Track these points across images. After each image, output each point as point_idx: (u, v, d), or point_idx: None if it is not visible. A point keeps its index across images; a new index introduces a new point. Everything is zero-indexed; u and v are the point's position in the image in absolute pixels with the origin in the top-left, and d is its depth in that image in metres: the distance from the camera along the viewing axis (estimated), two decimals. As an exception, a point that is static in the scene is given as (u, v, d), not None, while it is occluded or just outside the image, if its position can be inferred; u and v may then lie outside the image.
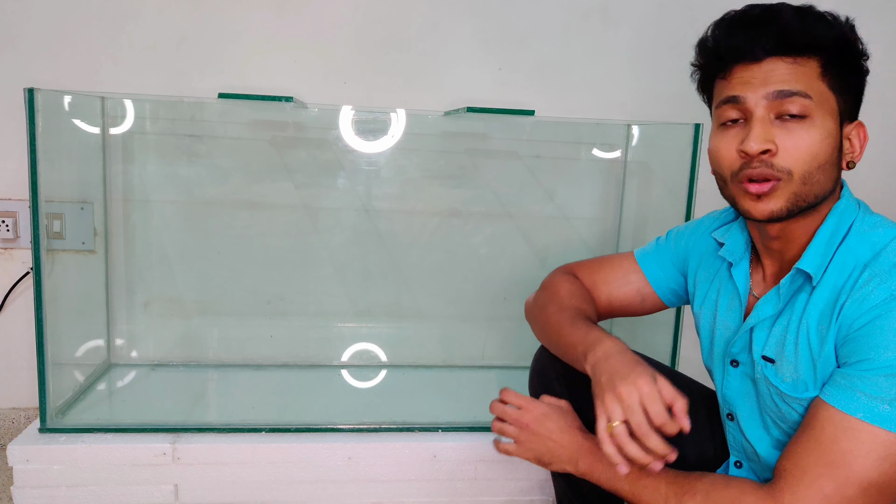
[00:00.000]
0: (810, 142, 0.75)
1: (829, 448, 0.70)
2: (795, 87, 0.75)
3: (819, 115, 0.75)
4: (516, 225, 1.71)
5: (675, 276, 1.03)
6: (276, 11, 1.53)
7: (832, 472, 0.69)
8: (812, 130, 0.75)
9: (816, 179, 0.76)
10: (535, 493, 1.37)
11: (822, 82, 0.76)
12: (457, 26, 1.58)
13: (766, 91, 0.75)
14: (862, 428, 0.69)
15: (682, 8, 1.62)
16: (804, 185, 0.76)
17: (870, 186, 0.82)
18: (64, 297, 1.38)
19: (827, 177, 0.77)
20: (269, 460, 1.30)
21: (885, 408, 0.68)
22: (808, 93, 0.75)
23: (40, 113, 1.23)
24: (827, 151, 0.76)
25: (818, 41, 0.75)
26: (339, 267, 1.69)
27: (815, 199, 0.77)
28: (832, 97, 0.76)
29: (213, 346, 1.68)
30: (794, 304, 0.81)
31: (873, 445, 0.68)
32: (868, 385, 0.70)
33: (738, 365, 0.89)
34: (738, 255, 0.90)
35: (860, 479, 0.68)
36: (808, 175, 0.75)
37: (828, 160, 0.76)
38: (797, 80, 0.75)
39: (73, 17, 1.48)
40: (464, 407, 1.51)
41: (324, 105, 1.57)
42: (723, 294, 0.93)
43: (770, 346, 0.83)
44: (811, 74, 0.75)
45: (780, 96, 0.75)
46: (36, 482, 1.26)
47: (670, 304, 1.06)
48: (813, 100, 0.75)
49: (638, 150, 1.69)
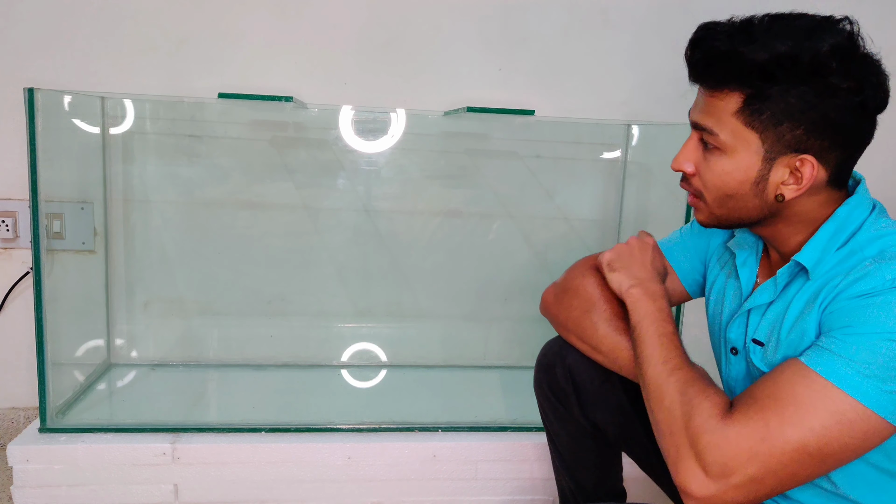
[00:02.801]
0: (718, 174, 0.78)
1: (783, 389, 0.70)
2: (704, 123, 0.77)
3: (731, 150, 0.76)
4: (516, 225, 1.71)
5: (698, 267, 1.03)
6: (276, 11, 1.53)
7: (780, 408, 0.69)
8: (722, 162, 0.77)
9: (731, 206, 0.79)
10: (535, 493, 1.37)
11: (739, 120, 0.74)
12: (457, 26, 1.58)
13: (692, 118, 0.80)
14: (819, 381, 0.68)
15: (681, 8, 1.62)
16: (719, 208, 0.80)
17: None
18: (64, 297, 1.38)
19: (743, 205, 0.78)
20: (269, 460, 1.30)
21: (846, 367, 0.68)
22: (714, 130, 0.76)
23: (40, 113, 1.23)
24: (735, 185, 0.77)
25: (741, 76, 0.73)
26: (340, 267, 1.69)
27: (739, 221, 0.81)
28: (753, 136, 0.74)
29: (213, 346, 1.68)
30: (787, 292, 0.82)
31: (825, 401, 0.68)
32: (837, 345, 0.70)
33: (737, 353, 0.90)
34: (747, 247, 0.91)
35: (804, 424, 0.67)
36: (719, 201, 0.79)
37: (739, 192, 0.77)
38: (709, 114, 0.77)
39: (74, 18, 1.48)
40: (464, 407, 1.51)
41: (324, 105, 1.57)
42: (730, 282, 0.94)
43: (761, 330, 0.84)
44: (726, 110, 0.75)
45: (695, 127, 0.79)
46: (36, 482, 1.26)
47: (695, 295, 1.05)
48: (720, 136, 0.76)
49: (638, 150, 1.69)
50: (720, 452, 0.69)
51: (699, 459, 0.70)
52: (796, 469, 0.68)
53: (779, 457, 0.68)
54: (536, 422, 1.14)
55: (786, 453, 0.68)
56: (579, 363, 1.00)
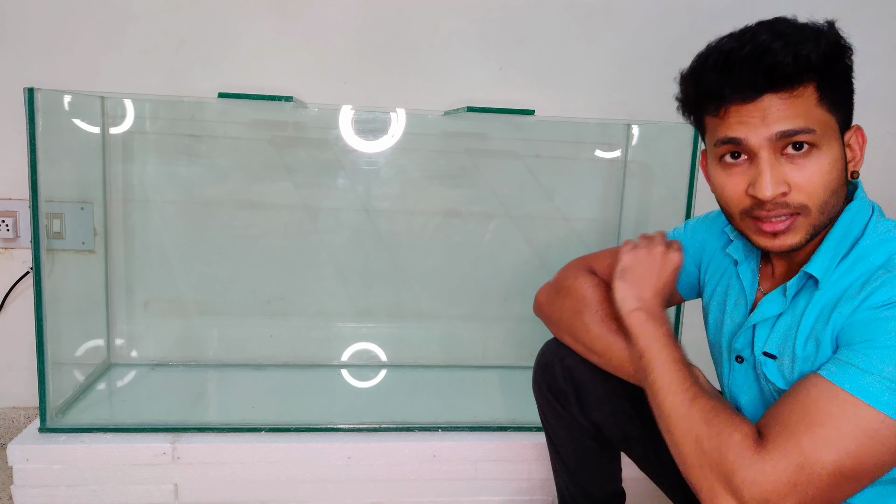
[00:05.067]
0: (821, 173, 0.73)
1: (811, 409, 0.69)
2: (798, 125, 0.72)
3: (825, 142, 0.73)
4: (516, 225, 1.71)
5: (691, 269, 1.02)
6: (276, 11, 1.53)
7: (813, 431, 0.68)
8: (821, 160, 0.73)
9: (831, 204, 0.75)
10: (535, 493, 1.37)
11: (821, 108, 0.73)
12: (457, 26, 1.58)
13: (769, 132, 0.72)
14: (847, 399, 0.68)
15: (682, 8, 1.62)
16: (821, 214, 0.75)
17: (875, 192, 0.83)
18: (64, 297, 1.38)
19: (839, 198, 0.77)
20: (269, 460, 1.30)
21: (875, 383, 0.67)
22: (810, 127, 0.72)
23: (40, 113, 1.23)
24: (837, 176, 0.75)
25: (810, 66, 0.71)
26: (340, 267, 1.69)
27: (829, 220, 0.77)
28: (832, 119, 0.74)
29: (213, 346, 1.68)
30: (797, 302, 0.81)
31: (856, 417, 0.67)
32: (861, 360, 0.69)
33: (742, 361, 0.89)
34: (746, 253, 0.90)
35: (838, 445, 0.67)
36: (824, 204, 0.74)
37: (839, 183, 0.75)
38: (797, 115, 0.72)
39: (74, 18, 1.48)
40: (464, 407, 1.51)
41: (324, 105, 1.57)
42: (731, 290, 0.93)
43: (772, 342, 0.83)
44: (809, 104, 0.72)
45: (783, 136, 0.72)
46: (36, 482, 1.26)
47: (686, 297, 1.05)
48: (816, 132, 0.72)
49: (638, 150, 1.69)
50: (759, 488, 0.68)
51: (737, 497, 0.69)
52: (835, 493, 0.68)
53: (817, 483, 0.67)
54: (536, 422, 1.14)
55: (823, 479, 0.67)
56: (578, 363, 1.00)
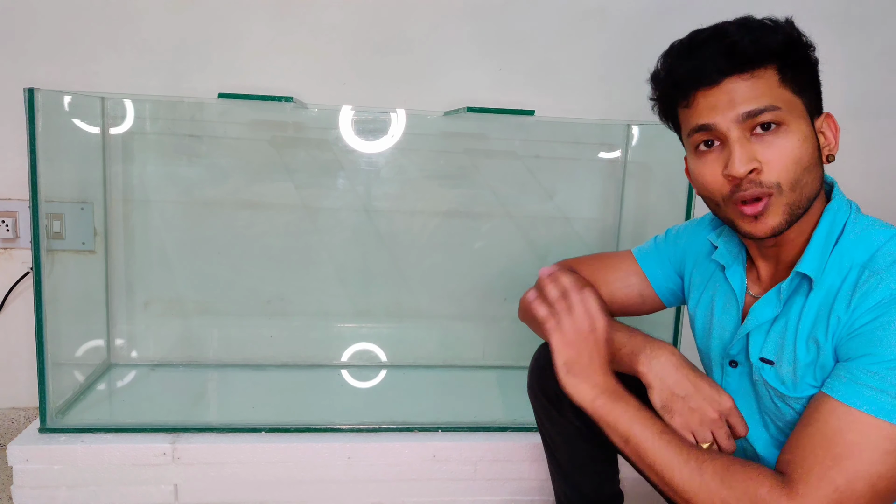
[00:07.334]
0: (791, 149, 0.75)
1: (835, 441, 0.69)
2: (763, 104, 0.75)
3: (791, 120, 0.76)
4: (516, 225, 1.71)
5: (673, 277, 1.03)
6: (276, 12, 1.53)
7: (841, 464, 0.68)
8: (790, 137, 0.75)
9: (805, 182, 0.77)
10: (535, 494, 1.37)
11: (784, 88, 0.76)
12: (456, 27, 1.58)
13: (735, 114, 0.75)
14: (867, 421, 0.68)
15: (680, 7, 1.62)
16: (794, 192, 0.76)
17: (860, 191, 0.82)
18: (64, 297, 1.38)
19: (813, 177, 0.78)
20: (269, 460, 1.30)
21: (889, 401, 0.68)
22: (775, 104, 0.75)
23: (40, 113, 1.23)
24: (808, 153, 0.76)
25: (769, 49, 0.75)
26: (339, 267, 1.69)
27: (807, 202, 0.78)
28: (796, 99, 0.77)
29: (213, 346, 1.68)
30: (791, 305, 0.81)
31: (879, 439, 0.67)
32: (872, 378, 0.69)
33: (736, 366, 0.89)
34: (732, 258, 0.91)
35: (869, 473, 0.67)
36: (797, 182, 0.76)
37: (811, 161, 0.77)
38: (761, 95, 0.75)
39: (74, 18, 1.48)
40: (464, 407, 1.51)
41: (324, 105, 1.57)
42: (718, 295, 0.93)
43: (768, 347, 0.83)
44: (772, 84, 0.75)
45: (749, 116, 0.75)
46: (36, 482, 1.26)
47: (669, 304, 1.06)
48: (782, 109, 0.75)
49: (638, 150, 1.69)
50: None
51: None
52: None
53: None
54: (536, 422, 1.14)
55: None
56: None
